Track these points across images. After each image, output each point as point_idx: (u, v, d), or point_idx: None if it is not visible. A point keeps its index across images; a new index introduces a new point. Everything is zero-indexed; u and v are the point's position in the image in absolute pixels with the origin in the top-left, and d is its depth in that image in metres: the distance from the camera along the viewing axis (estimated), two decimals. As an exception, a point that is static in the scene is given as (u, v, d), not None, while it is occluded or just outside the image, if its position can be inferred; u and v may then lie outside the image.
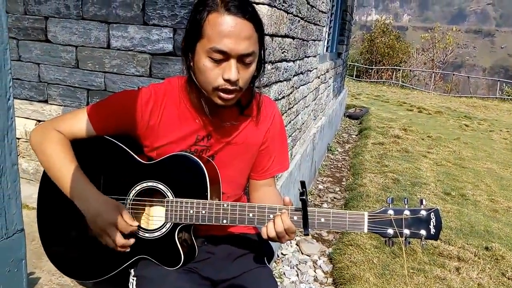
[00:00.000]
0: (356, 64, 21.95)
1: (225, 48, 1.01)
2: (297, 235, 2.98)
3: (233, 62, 1.03)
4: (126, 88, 1.92)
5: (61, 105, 2.10)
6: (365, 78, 21.04)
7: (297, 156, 2.99)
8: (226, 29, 1.01)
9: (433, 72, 21.24)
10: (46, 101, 2.13)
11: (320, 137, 4.19)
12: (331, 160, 5.00)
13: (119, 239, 1.10)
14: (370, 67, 21.52)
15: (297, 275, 2.52)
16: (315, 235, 3.04)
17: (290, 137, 2.64)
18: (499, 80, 18.72)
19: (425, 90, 18.56)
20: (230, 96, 1.08)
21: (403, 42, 22.37)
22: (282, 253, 2.72)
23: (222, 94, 1.07)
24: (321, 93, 4.27)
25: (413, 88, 18.92)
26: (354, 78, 20.76)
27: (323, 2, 3.27)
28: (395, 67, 20.90)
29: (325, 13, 3.54)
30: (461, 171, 4.71)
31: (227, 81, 1.04)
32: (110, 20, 1.90)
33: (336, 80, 5.76)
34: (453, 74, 22.27)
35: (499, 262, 2.60)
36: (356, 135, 6.57)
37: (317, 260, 2.70)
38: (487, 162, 5.35)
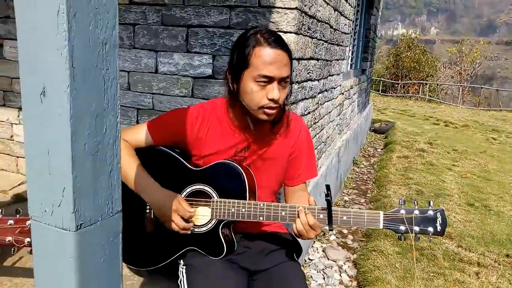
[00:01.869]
0: (382, 79, 21.95)
1: (270, 74, 1.27)
2: (323, 242, 3.17)
3: (275, 85, 1.29)
4: (172, 107, 2.21)
5: (114, 123, 2.40)
6: (391, 93, 20.99)
7: (323, 168, 3.20)
8: (271, 59, 1.27)
9: (461, 85, 20.97)
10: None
11: (345, 151, 4.38)
12: (357, 173, 5.15)
13: (181, 222, 1.34)
14: (396, 81, 21.47)
15: (324, 278, 2.71)
16: (341, 242, 3.22)
17: (316, 149, 2.86)
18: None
19: (453, 104, 18.36)
20: (273, 112, 1.33)
21: (429, 56, 22.23)
22: (309, 258, 2.91)
23: (267, 111, 1.32)
24: (346, 109, 4.47)
25: (440, 102, 18.75)
26: (380, 93, 20.75)
27: (345, 25, 3.51)
28: (422, 82, 20.78)
29: (347, 34, 3.78)
30: (486, 183, 4.77)
31: (271, 100, 1.29)
32: (158, 49, 2.21)
33: (360, 95, 5.95)
34: (482, 87, 21.92)
35: (519, 268, 2.71)
36: (382, 149, 6.69)
37: (342, 265, 2.87)
38: (513, 174, 5.38)
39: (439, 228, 1.32)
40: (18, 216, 1.30)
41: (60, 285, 0.83)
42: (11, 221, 1.28)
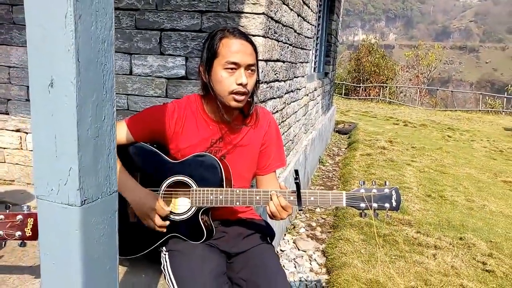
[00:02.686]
0: (344, 82, 22.63)
1: (237, 60, 1.42)
2: (293, 235, 3.33)
3: (242, 70, 1.44)
4: (147, 107, 2.30)
5: (89, 124, 2.47)
6: (354, 96, 21.67)
7: (291, 164, 3.37)
8: (236, 47, 1.43)
9: (418, 87, 21.97)
10: (76, 121, 2.50)
11: (311, 149, 4.58)
12: (323, 171, 5.38)
13: (158, 221, 1.47)
14: (358, 85, 22.20)
15: (295, 266, 2.87)
16: (310, 234, 3.39)
17: (284, 147, 3.02)
18: (481, 94, 19.47)
19: (412, 105, 19.21)
20: (242, 98, 1.47)
21: (388, 60, 23.15)
22: (281, 250, 3.07)
23: (236, 97, 1.46)
24: (311, 109, 4.69)
25: (400, 104, 19.56)
26: (343, 96, 21.38)
27: (308, 29, 3.71)
28: (382, 85, 21.59)
29: (310, 38, 3.99)
30: (442, 176, 5.12)
31: (240, 84, 1.44)
32: (132, 51, 2.30)
33: (324, 97, 6.21)
34: (437, 89, 23.06)
35: (471, 248, 2.97)
36: (345, 148, 6.98)
37: (312, 255, 3.04)
38: (466, 168, 5.78)
39: (394, 203, 1.50)
40: (8, 211, 1.37)
41: (67, 257, 0.94)
42: (2, 216, 1.35)
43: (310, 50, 4.21)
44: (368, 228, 3.16)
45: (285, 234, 3.31)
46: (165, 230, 1.51)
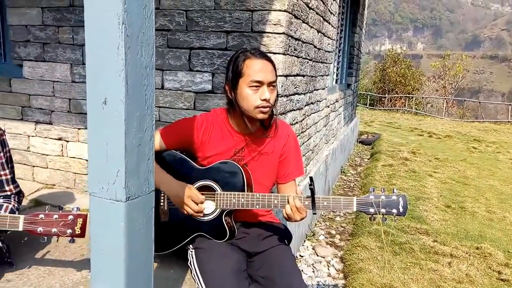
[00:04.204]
0: (369, 93, 22.55)
1: (260, 78, 1.61)
2: (313, 242, 3.46)
3: (265, 87, 1.62)
4: (176, 118, 2.52)
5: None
6: (379, 106, 21.56)
7: (311, 173, 3.52)
8: (259, 67, 1.62)
9: (445, 98, 21.65)
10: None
11: (332, 159, 4.71)
12: (344, 181, 5.48)
13: (194, 206, 1.63)
14: (383, 95, 22.07)
15: (313, 271, 3.00)
16: (329, 241, 3.51)
17: (304, 156, 3.18)
18: (510, 105, 18.99)
19: (438, 116, 18.95)
20: (267, 110, 1.65)
21: (415, 71, 22.94)
22: (300, 255, 3.20)
23: (262, 109, 1.64)
24: (332, 120, 4.82)
25: (426, 114, 19.34)
26: (367, 106, 21.31)
27: (328, 44, 3.87)
28: (408, 95, 21.40)
29: (331, 52, 4.15)
30: (464, 188, 5.13)
31: (264, 100, 1.62)
32: (164, 68, 2.53)
33: (346, 108, 6.32)
34: (465, 100, 22.65)
35: (487, 258, 3.03)
36: (368, 159, 7.04)
37: (330, 261, 3.17)
38: (489, 179, 5.75)
39: (401, 209, 1.63)
40: (61, 211, 1.59)
41: (113, 244, 1.13)
42: (56, 216, 1.57)
43: (331, 63, 4.36)
44: (385, 236, 3.26)
45: (304, 241, 3.44)
46: (201, 215, 1.67)
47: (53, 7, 2.69)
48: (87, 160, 2.83)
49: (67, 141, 2.87)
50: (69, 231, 1.56)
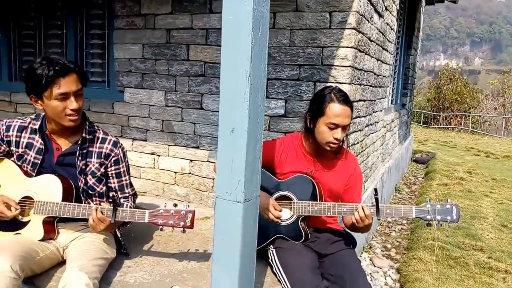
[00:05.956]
0: (423, 111, 22.11)
1: (338, 122, 1.96)
2: (370, 254, 3.72)
3: (340, 129, 1.98)
4: (254, 138, 2.94)
5: (207, 150, 3.17)
6: (433, 125, 21.08)
7: (369, 190, 3.80)
8: (339, 112, 1.96)
9: (504, 117, 20.78)
10: (197, 147, 3.22)
11: (387, 177, 4.94)
12: (399, 199, 5.66)
13: (275, 212, 2.00)
14: (438, 113, 21.57)
15: (371, 280, 3.26)
16: (385, 254, 3.76)
17: (363, 174, 3.48)
18: None
19: (497, 136, 18.25)
20: (335, 146, 2.02)
21: (471, 89, 22.24)
22: (358, 264, 3.47)
23: (332, 145, 2.00)
24: (387, 140, 5.07)
25: (484, 133, 18.69)
26: (421, 124, 20.92)
27: (386, 69, 4.18)
28: (464, 113, 20.77)
29: (388, 76, 4.44)
30: (522, 209, 5.14)
31: (336, 139, 1.98)
32: (244, 95, 2.96)
33: (401, 128, 6.51)
34: (527, 119, 21.59)
35: (543, 276, 3.15)
36: (422, 178, 7.13)
37: (386, 271, 3.42)
38: (549, 202, 5.68)
39: (454, 216, 1.90)
40: (176, 207, 2.01)
41: (232, 235, 1.53)
42: (173, 210, 1.99)
43: (388, 87, 4.65)
44: (440, 251, 3.47)
45: (362, 252, 3.71)
46: (280, 220, 2.03)
47: (153, 44, 3.24)
48: (175, 172, 3.32)
49: (159, 155, 3.38)
50: (181, 223, 1.95)
